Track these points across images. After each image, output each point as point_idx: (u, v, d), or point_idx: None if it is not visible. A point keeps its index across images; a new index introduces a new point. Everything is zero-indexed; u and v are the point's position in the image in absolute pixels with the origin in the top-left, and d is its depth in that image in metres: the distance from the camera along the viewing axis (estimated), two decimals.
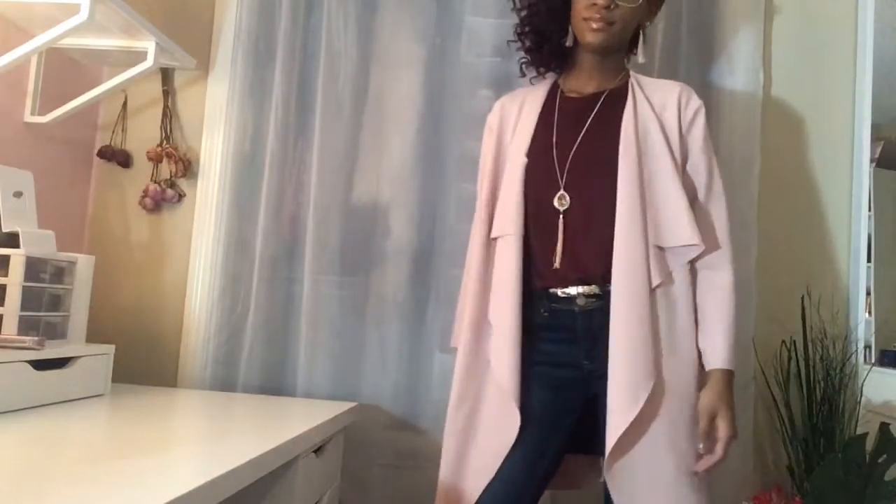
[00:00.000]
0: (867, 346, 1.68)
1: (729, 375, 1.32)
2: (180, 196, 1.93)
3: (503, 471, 1.31)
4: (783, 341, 1.71)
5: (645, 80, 1.47)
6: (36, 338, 1.35)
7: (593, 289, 1.33)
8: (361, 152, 1.89)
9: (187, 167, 1.92)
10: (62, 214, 1.84)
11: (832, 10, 1.82)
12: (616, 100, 1.43)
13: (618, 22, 1.37)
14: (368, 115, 1.89)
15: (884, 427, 1.39)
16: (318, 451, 1.43)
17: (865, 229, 1.72)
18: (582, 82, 1.46)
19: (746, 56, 1.78)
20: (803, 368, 1.61)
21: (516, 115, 1.48)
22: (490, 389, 1.37)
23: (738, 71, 1.79)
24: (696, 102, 1.43)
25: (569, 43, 1.46)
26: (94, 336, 1.65)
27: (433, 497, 1.40)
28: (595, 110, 1.41)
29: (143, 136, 1.95)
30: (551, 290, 1.36)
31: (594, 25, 1.36)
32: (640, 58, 1.46)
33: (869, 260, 1.71)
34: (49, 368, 1.36)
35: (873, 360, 1.66)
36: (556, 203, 1.37)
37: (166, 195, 1.91)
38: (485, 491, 1.31)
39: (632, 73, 1.48)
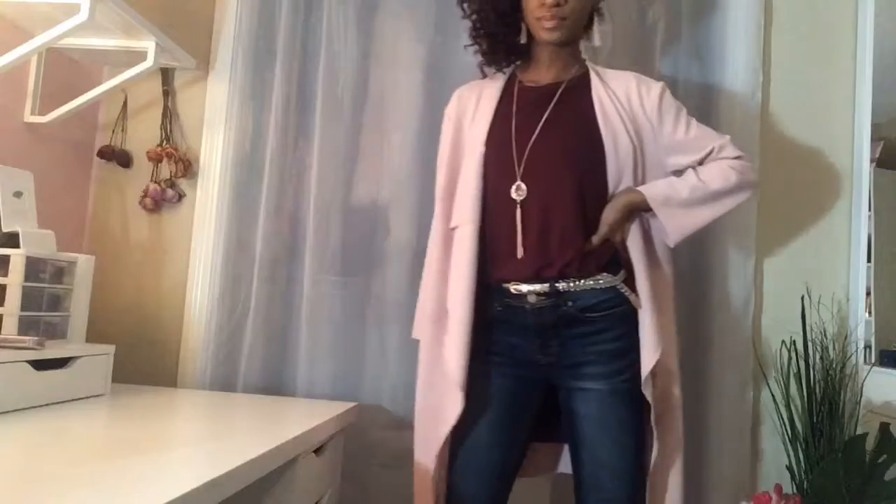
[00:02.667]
0: (867, 347, 1.68)
1: (636, 195, 1.36)
2: (180, 196, 1.93)
3: (470, 459, 1.36)
4: (783, 341, 1.70)
5: (602, 70, 1.48)
6: (36, 338, 1.35)
7: (544, 287, 1.35)
8: (361, 152, 1.89)
9: (187, 167, 1.92)
10: (62, 214, 1.84)
11: (832, 10, 1.82)
12: (576, 90, 1.44)
13: (569, 16, 1.38)
14: (368, 115, 1.89)
15: (884, 427, 1.39)
16: (318, 451, 1.42)
17: (865, 229, 1.72)
18: (540, 73, 1.48)
19: (746, 56, 1.78)
20: (803, 368, 1.61)
21: (474, 106, 1.49)
22: (438, 379, 1.40)
23: (737, 71, 1.78)
24: (656, 87, 1.44)
25: (523, 40, 1.47)
26: (94, 336, 1.65)
27: None
28: (554, 100, 1.43)
29: (143, 136, 1.95)
30: (503, 286, 1.38)
31: (547, 24, 1.38)
32: (596, 41, 1.48)
33: (869, 260, 1.71)
34: (49, 368, 1.36)
35: (873, 361, 1.66)
36: (513, 193, 1.37)
37: (166, 195, 1.91)
38: (460, 481, 1.36)
39: (589, 63, 1.50)
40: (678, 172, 1.43)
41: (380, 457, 1.78)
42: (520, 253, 1.36)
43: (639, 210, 1.39)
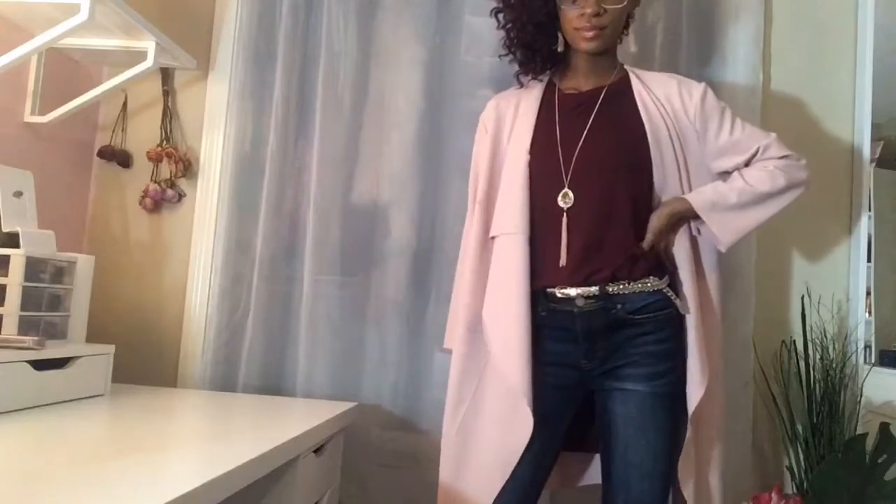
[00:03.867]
0: (867, 347, 1.68)
1: (681, 204, 1.37)
2: (180, 196, 1.93)
3: (515, 472, 1.31)
4: (783, 341, 1.71)
5: (642, 73, 1.48)
6: (36, 338, 1.35)
7: (593, 290, 1.33)
8: (361, 152, 1.89)
9: (187, 167, 1.92)
10: (62, 214, 1.84)
11: (832, 9, 1.82)
12: (618, 95, 1.43)
13: (608, 25, 1.38)
14: (368, 115, 1.89)
15: (884, 427, 1.39)
16: (318, 451, 1.42)
17: (865, 229, 1.72)
18: (579, 80, 1.46)
19: (746, 55, 1.78)
20: (803, 368, 1.61)
21: (513, 114, 1.48)
22: (491, 389, 1.37)
23: (737, 70, 1.78)
24: (698, 88, 1.43)
25: (560, 49, 1.47)
26: (94, 336, 1.65)
27: (433, 497, 1.40)
28: (597, 106, 1.41)
29: (143, 136, 1.95)
30: (549, 290, 1.36)
31: (587, 35, 1.37)
32: (632, 46, 1.47)
33: (869, 260, 1.71)
34: (49, 368, 1.36)
35: (873, 361, 1.66)
36: (559, 201, 1.36)
37: (166, 195, 1.91)
38: (500, 493, 1.31)
39: (627, 67, 1.49)
40: (724, 174, 1.43)
41: (380, 457, 1.78)
42: (562, 262, 1.34)
43: (685, 218, 1.38)
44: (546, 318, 1.36)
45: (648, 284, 1.34)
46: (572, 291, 1.34)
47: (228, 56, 1.92)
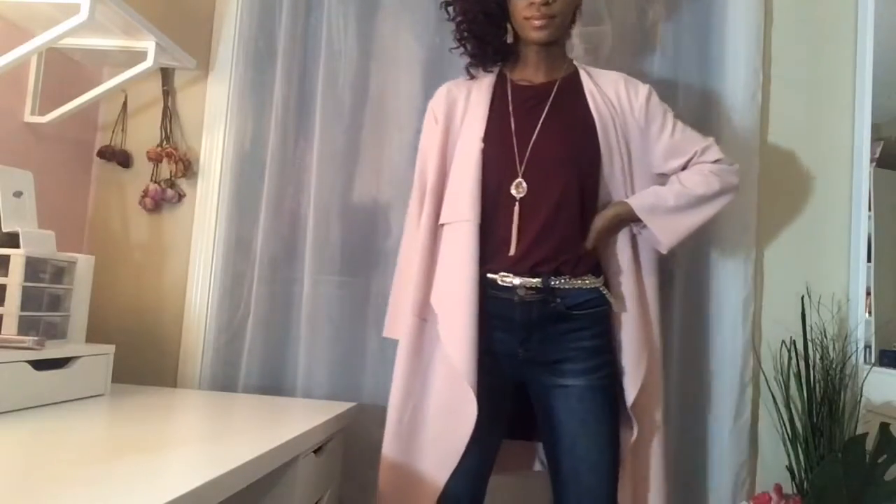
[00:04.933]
0: (867, 346, 1.68)
1: (623, 207, 1.41)
2: (180, 196, 1.93)
3: (462, 460, 1.33)
4: (783, 341, 1.70)
5: (591, 70, 1.51)
6: (36, 338, 1.35)
7: (536, 282, 1.36)
8: (361, 152, 1.89)
9: (187, 167, 1.92)
10: (62, 214, 1.84)
11: (832, 10, 1.82)
12: (569, 90, 1.47)
13: (558, 15, 1.40)
14: (368, 115, 1.88)
15: (884, 427, 1.39)
16: (318, 451, 1.42)
17: (865, 229, 1.71)
18: (530, 72, 1.49)
19: (746, 56, 1.78)
20: (803, 368, 1.60)
21: (464, 103, 1.49)
22: (438, 379, 1.38)
23: (737, 70, 1.78)
24: (643, 89, 1.49)
25: (510, 40, 1.49)
26: (94, 336, 1.65)
27: None
28: (550, 99, 1.44)
29: (143, 136, 1.95)
30: (490, 276, 1.37)
31: (537, 23, 1.40)
32: (575, 39, 1.55)
33: (869, 260, 1.71)
34: (49, 368, 1.36)
35: (873, 361, 1.66)
36: (513, 190, 1.38)
37: (166, 195, 1.91)
38: (448, 483, 1.33)
39: (577, 63, 1.52)
40: (663, 176, 1.48)
41: (380, 457, 1.78)
42: (512, 250, 1.37)
43: (626, 221, 1.44)
44: (486, 306, 1.37)
45: (587, 282, 1.39)
46: (516, 280, 1.36)
47: (228, 56, 1.92)
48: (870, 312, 1.70)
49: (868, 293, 1.71)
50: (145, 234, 1.94)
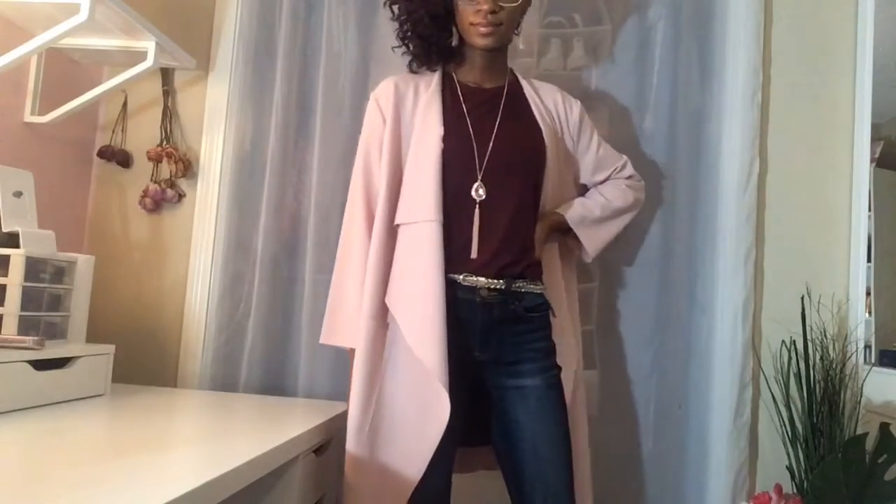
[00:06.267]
0: (867, 346, 1.68)
1: (558, 217, 1.49)
2: (180, 196, 1.93)
3: (435, 459, 1.32)
4: (783, 341, 1.70)
5: (530, 80, 1.56)
6: (36, 338, 1.35)
7: (500, 283, 1.37)
8: None
9: (187, 167, 1.92)
10: (62, 214, 1.84)
11: (832, 10, 1.82)
12: (515, 96, 1.51)
13: (504, 22, 1.41)
14: None
15: (884, 427, 1.39)
16: (318, 451, 1.42)
17: (865, 229, 1.71)
18: (476, 75, 1.50)
19: (746, 56, 1.78)
20: (803, 368, 1.60)
21: (413, 99, 1.48)
22: (402, 381, 1.36)
23: (737, 71, 1.78)
24: (577, 104, 1.56)
25: (454, 42, 1.50)
26: (94, 336, 1.65)
27: None
28: (502, 104, 1.47)
29: (143, 136, 1.95)
30: (451, 277, 1.36)
31: (483, 30, 1.40)
32: (520, 45, 1.61)
33: (869, 260, 1.71)
34: (49, 368, 1.36)
35: (873, 361, 1.66)
36: (473, 193, 1.39)
37: (166, 195, 1.91)
38: (428, 476, 1.31)
39: (515, 71, 1.55)
40: (583, 188, 1.59)
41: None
42: (474, 253, 1.37)
43: (559, 231, 1.50)
44: (448, 307, 1.35)
45: (539, 285, 1.43)
46: (480, 280, 1.37)
47: (228, 56, 1.92)
48: (870, 312, 1.70)
49: (868, 293, 1.71)
50: (145, 234, 1.94)
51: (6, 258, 1.41)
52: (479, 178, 1.39)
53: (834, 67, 1.81)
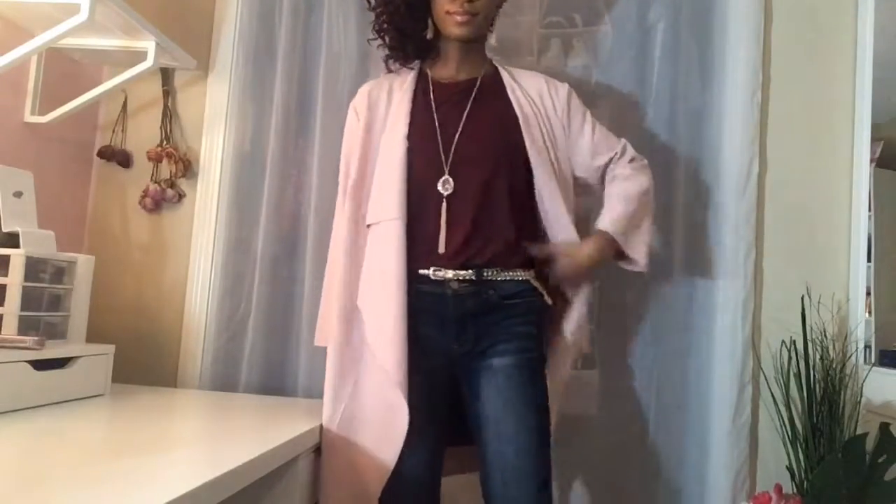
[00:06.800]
0: (867, 347, 1.68)
1: (606, 237, 1.44)
2: (180, 196, 1.93)
3: (404, 463, 1.31)
4: (783, 341, 1.70)
5: (511, 69, 1.53)
6: (36, 338, 1.35)
7: (469, 273, 1.36)
8: None
9: (187, 167, 1.92)
10: (62, 214, 1.84)
11: (832, 10, 1.82)
12: (491, 87, 1.48)
13: (480, 12, 1.40)
14: None
15: (884, 427, 1.39)
16: (318, 451, 1.42)
17: (865, 229, 1.71)
18: (451, 69, 1.49)
19: (746, 55, 1.78)
20: (803, 368, 1.60)
21: (386, 101, 1.49)
22: (368, 381, 1.36)
23: (737, 70, 1.78)
24: (563, 88, 1.52)
25: (430, 35, 1.49)
26: (94, 336, 1.65)
27: None
28: (473, 96, 1.45)
29: (143, 136, 1.95)
30: (421, 272, 1.36)
31: (458, 19, 1.39)
32: (493, 41, 1.57)
33: (869, 260, 1.71)
34: (49, 368, 1.36)
35: (873, 361, 1.66)
36: (440, 187, 1.38)
37: (166, 195, 1.91)
38: (390, 486, 1.30)
39: (496, 62, 1.53)
40: (591, 171, 1.52)
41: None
42: (442, 247, 1.36)
43: (607, 248, 1.46)
44: (416, 302, 1.35)
45: (519, 274, 1.40)
46: (449, 273, 1.36)
47: (228, 56, 1.92)
48: (870, 312, 1.70)
49: (868, 293, 1.71)
50: (145, 234, 1.94)
51: (6, 258, 1.41)
52: (446, 172, 1.38)
53: (834, 67, 1.81)
